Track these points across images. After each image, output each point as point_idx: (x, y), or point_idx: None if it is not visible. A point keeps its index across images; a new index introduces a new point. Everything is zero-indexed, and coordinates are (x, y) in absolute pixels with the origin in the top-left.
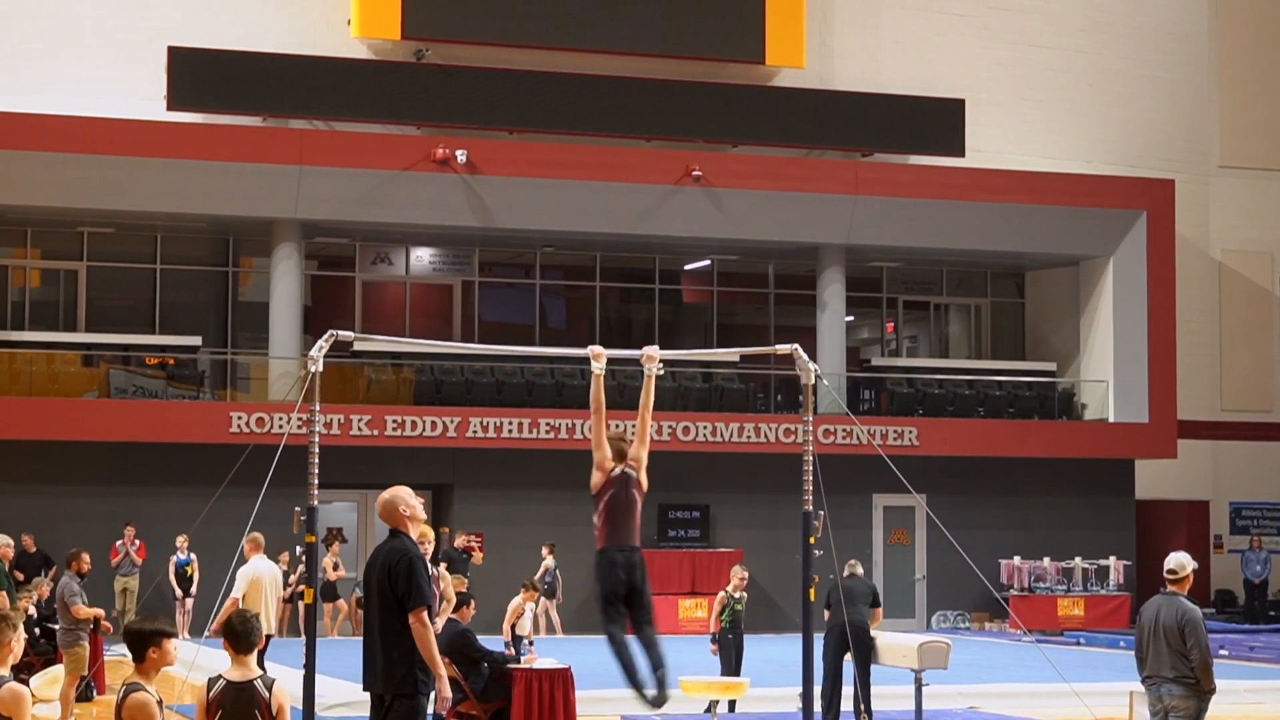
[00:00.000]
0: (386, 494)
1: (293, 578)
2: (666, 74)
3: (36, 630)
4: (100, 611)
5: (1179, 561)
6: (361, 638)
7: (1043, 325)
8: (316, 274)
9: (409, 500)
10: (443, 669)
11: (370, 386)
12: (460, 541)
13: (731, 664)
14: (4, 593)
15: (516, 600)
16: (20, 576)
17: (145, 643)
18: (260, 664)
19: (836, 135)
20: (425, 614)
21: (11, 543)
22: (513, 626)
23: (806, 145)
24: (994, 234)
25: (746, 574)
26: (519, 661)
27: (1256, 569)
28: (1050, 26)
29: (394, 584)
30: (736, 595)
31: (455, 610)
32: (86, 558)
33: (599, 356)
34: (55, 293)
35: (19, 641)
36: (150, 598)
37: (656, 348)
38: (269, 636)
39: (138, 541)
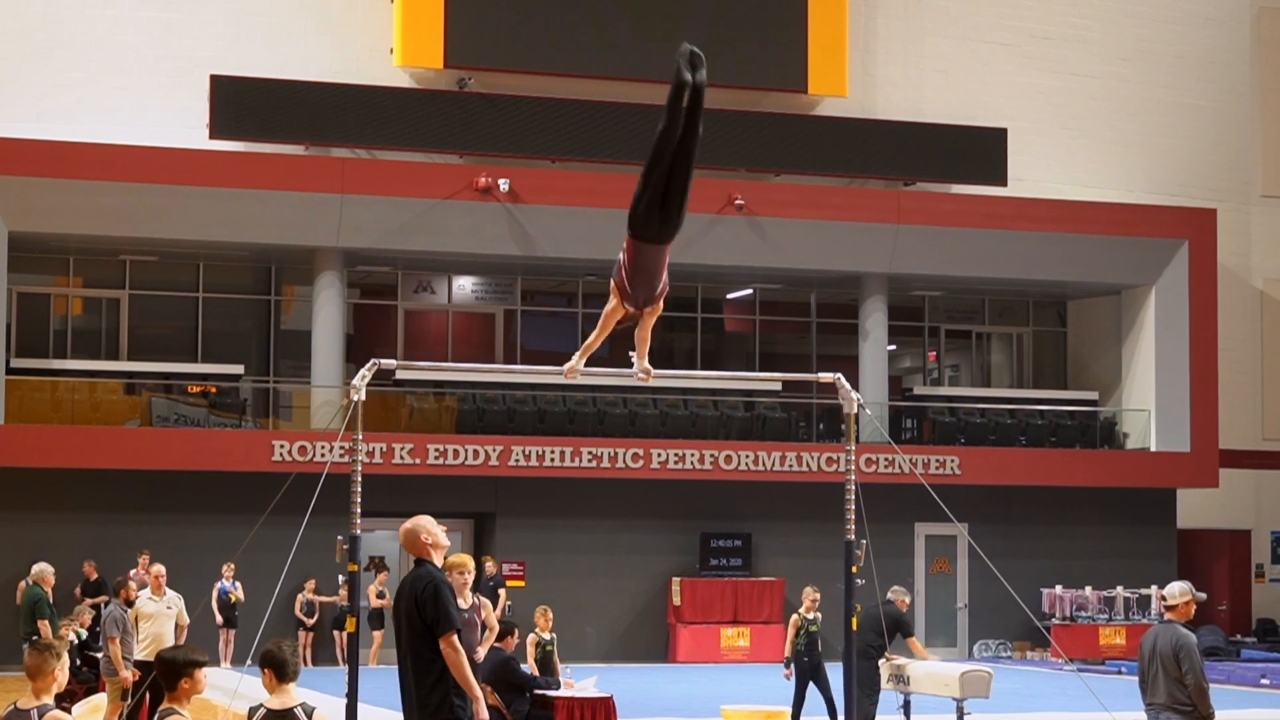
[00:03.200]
0: (408, 524)
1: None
2: (709, 103)
3: (78, 659)
4: (127, 677)
5: (1172, 590)
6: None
7: (1085, 354)
8: (359, 302)
9: (431, 529)
10: (479, 690)
11: (412, 415)
12: (490, 569)
13: (807, 688)
14: (46, 621)
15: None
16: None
17: (178, 673)
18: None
19: (879, 164)
20: (455, 638)
21: (53, 570)
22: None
23: (849, 174)
24: (1036, 263)
25: (819, 594)
26: (557, 686)
27: None
28: (1092, 56)
29: (422, 611)
30: (810, 616)
31: (499, 640)
32: (134, 586)
33: (648, 374)
34: (97, 321)
35: (63, 670)
36: (192, 627)
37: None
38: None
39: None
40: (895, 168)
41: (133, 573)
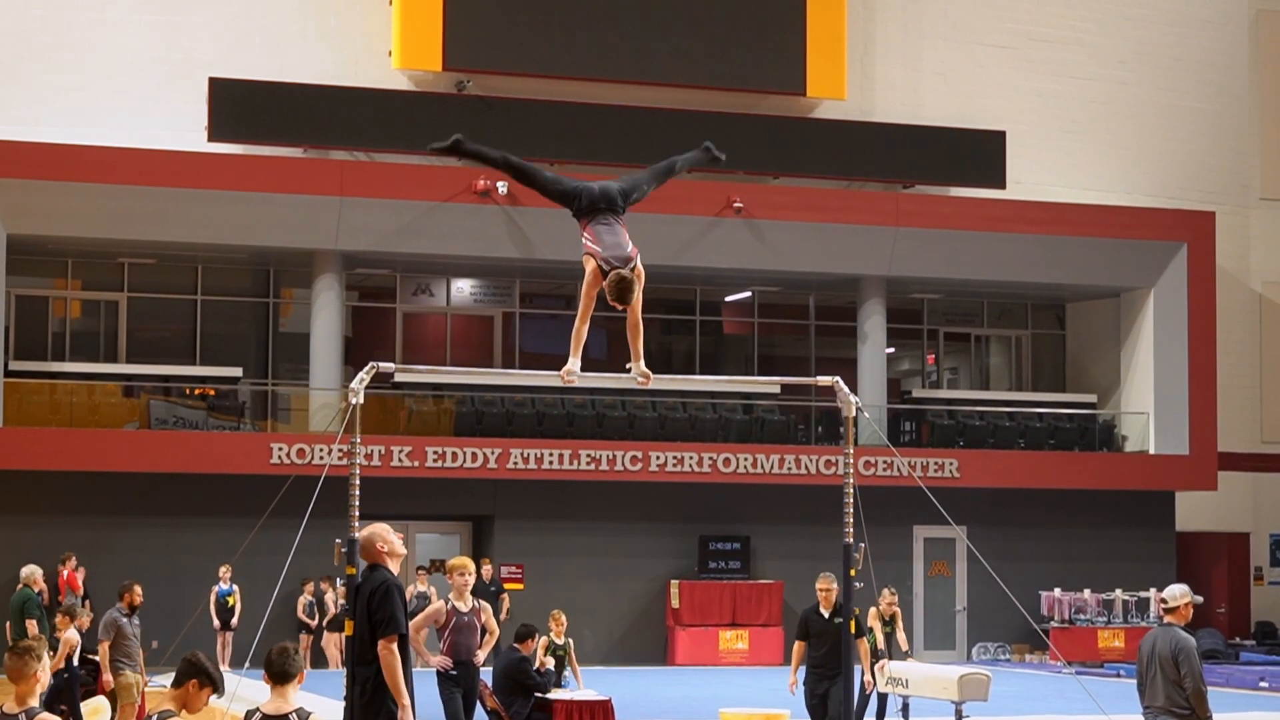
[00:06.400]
0: (366, 530)
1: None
2: (708, 105)
3: (75, 661)
4: (107, 681)
5: (1171, 593)
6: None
7: (1083, 357)
8: (357, 305)
9: (387, 537)
10: (407, 699)
11: (411, 418)
12: (486, 572)
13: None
14: (35, 621)
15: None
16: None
17: (190, 675)
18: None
19: (877, 167)
20: (395, 643)
21: (41, 572)
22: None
23: (847, 177)
24: (1035, 266)
25: (895, 595)
26: (549, 689)
27: None
28: (1091, 59)
29: (371, 613)
30: (888, 618)
31: (519, 642)
32: (139, 590)
33: (647, 378)
34: (96, 323)
35: (44, 671)
36: (190, 631)
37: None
38: None
39: (81, 569)
40: (894, 170)
41: (66, 574)
